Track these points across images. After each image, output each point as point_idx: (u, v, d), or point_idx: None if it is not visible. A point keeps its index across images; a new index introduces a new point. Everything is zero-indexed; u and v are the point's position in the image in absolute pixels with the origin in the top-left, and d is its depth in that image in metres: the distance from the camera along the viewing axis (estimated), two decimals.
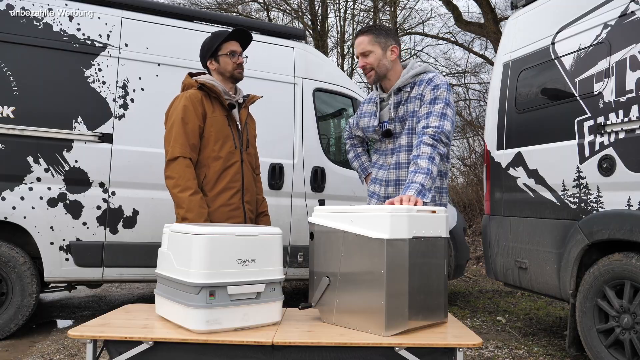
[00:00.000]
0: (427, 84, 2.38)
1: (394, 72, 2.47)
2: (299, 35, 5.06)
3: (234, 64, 2.65)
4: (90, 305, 5.43)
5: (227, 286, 1.76)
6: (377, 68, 2.43)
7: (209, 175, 2.54)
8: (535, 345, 4.00)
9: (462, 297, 6.08)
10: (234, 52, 2.66)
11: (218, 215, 2.52)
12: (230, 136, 2.60)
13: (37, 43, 3.86)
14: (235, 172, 2.59)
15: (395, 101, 2.47)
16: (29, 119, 3.78)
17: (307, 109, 4.81)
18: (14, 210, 3.72)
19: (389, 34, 2.46)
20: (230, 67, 2.66)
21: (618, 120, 3.10)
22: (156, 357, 1.71)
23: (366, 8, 14.93)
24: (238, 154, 2.63)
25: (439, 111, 2.30)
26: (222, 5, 13.99)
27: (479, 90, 13.96)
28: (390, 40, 2.44)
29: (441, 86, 2.35)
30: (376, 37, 2.42)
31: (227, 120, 2.61)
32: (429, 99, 2.34)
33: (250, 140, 2.76)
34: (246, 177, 2.65)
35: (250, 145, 2.75)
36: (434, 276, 1.86)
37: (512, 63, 4.09)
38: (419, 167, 2.19)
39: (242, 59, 2.70)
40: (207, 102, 2.57)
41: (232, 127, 2.64)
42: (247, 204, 2.66)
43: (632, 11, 3.09)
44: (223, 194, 2.55)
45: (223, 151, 2.56)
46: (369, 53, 2.42)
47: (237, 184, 2.59)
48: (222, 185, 2.55)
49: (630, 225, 2.96)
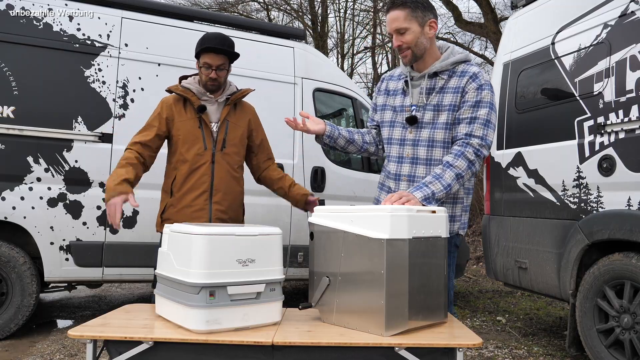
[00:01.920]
0: (472, 80, 2.12)
1: (431, 52, 2.19)
2: (299, 35, 5.06)
3: (207, 76, 2.64)
4: (90, 305, 5.43)
5: (227, 286, 1.76)
6: (415, 48, 2.14)
7: (177, 178, 2.63)
8: (535, 345, 4.00)
9: (462, 297, 6.08)
10: (208, 65, 2.62)
11: (181, 217, 2.60)
12: (200, 138, 2.63)
13: (37, 43, 3.86)
14: (203, 173, 2.62)
15: (428, 86, 2.19)
16: (29, 119, 3.78)
17: (307, 109, 4.81)
18: (14, 210, 3.72)
19: (426, 7, 2.13)
20: (204, 78, 2.66)
21: (618, 120, 3.10)
22: (156, 357, 1.71)
23: (366, 8, 14.93)
24: (208, 154, 2.64)
25: (484, 118, 2.09)
26: (222, 5, 13.99)
27: None
28: (428, 14, 2.14)
29: (485, 87, 2.12)
30: (413, 12, 2.10)
31: (197, 122, 2.65)
32: (473, 101, 2.11)
33: (229, 139, 2.70)
34: (218, 177, 2.65)
35: (228, 145, 2.70)
36: (434, 276, 1.86)
37: (512, 63, 4.09)
38: (443, 177, 2.02)
39: (216, 73, 2.63)
40: (179, 106, 2.66)
41: (204, 128, 2.65)
42: (218, 204, 2.65)
43: (632, 11, 3.09)
44: (187, 195, 2.62)
45: (190, 153, 2.62)
46: (405, 30, 2.11)
47: (203, 185, 2.62)
48: (187, 187, 2.62)
49: (630, 225, 2.96)
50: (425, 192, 2.00)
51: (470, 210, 9.97)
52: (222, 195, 2.66)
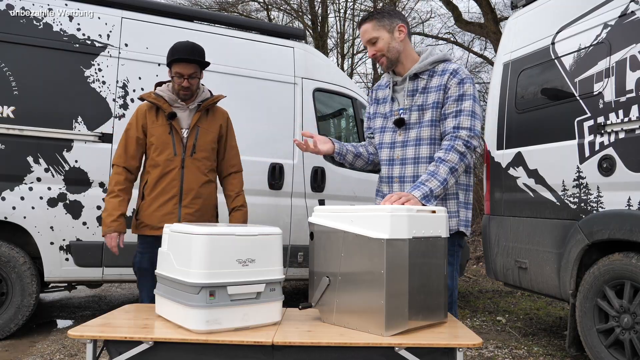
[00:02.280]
0: (452, 76, 2.20)
1: (407, 55, 2.29)
2: (299, 35, 5.06)
3: (179, 85, 2.76)
4: (90, 305, 5.43)
5: (227, 286, 1.76)
6: (388, 53, 2.26)
7: (149, 181, 2.79)
8: (535, 345, 4.00)
9: (462, 297, 6.08)
10: (180, 75, 2.75)
11: (152, 219, 2.76)
12: (170, 144, 2.77)
13: (37, 43, 3.85)
14: (172, 178, 2.76)
15: (410, 88, 2.28)
16: (29, 119, 3.78)
17: (307, 109, 4.81)
18: (14, 210, 3.72)
19: (392, 15, 2.29)
20: (177, 87, 2.78)
21: (618, 120, 3.10)
22: (156, 357, 1.71)
23: (366, 8, 14.92)
24: (178, 160, 2.77)
25: (469, 109, 2.16)
26: (222, 5, 13.98)
27: (479, 90, 13.96)
28: (395, 20, 2.27)
29: (467, 81, 2.20)
30: (379, 21, 2.25)
31: (168, 128, 2.77)
32: (456, 95, 2.18)
33: (199, 145, 2.82)
34: (187, 182, 2.78)
35: (198, 151, 2.81)
36: (434, 276, 1.86)
37: (512, 63, 4.09)
38: (437, 172, 2.06)
39: (188, 82, 2.75)
40: (151, 113, 2.80)
41: (174, 134, 2.78)
42: (186, 208, 2.78)
43: (632, 11, 3.09)
44: (157, 199, 2.76)
45: (160, 158, 2.76)
46: (376, 39, 2.25)
47: (173, 189, 2.76)
48: (157, 191, 2.77)
49: (630, 225, 2.96)
50: (423, 191, 2.02)
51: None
52: (191, 199, 2.78)
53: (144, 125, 2.79)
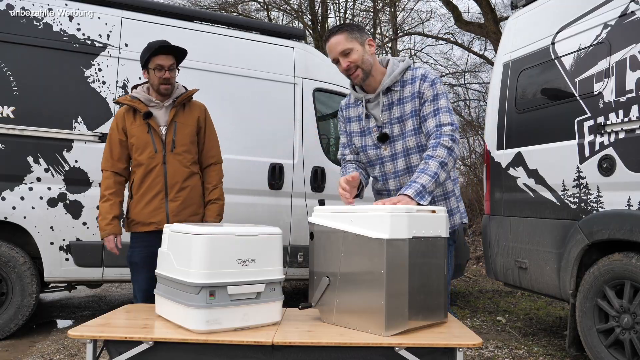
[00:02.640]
0: (422, 81, 2.22)
1: (376, 69, 2.28)
2: (299, 35, 5.06)
3: (159, 78, 2.81)
4: (90, 305, 5.43)
5: (227, 286, 1.76)
6: (363, 65, 2.22)
7: (135, 181, 2.88)
8: (535, 345, 4.00)
9: (462, 297, 6.08)
10: (160, 67, 2.80)
11: (141, 216, 2.85)
12: (150, 142, 2.84)
13: (37, 43, 3.85)
14: (156, 175, 2.84)
15: (386, 102, 2.27)
16: (29, 119, 3.78)
17: (307, 109, 4.81)
18: (14, 210, 3.72)
19: (360, 29, 2.28)
20: (157, 81, 2.83)
21: (618, 120, 3.10)
22: (156, 357, 1.71)
23: (366, 8, 14.93)
24: (159, 157, 2.84)
25: (445, 106, 2.20)
26: (222, 5, 13.98)
27: (478, 91, 13.98)
28: (364, 34, 2.26)
29: (436, 81, 2.24)
30: (350, 34, 2.21)
31: (146, 127, 2.84)
32: (431, 96, 2.21)
33: (178, 140, 2.88)
34: (171, 177, 2.85)
35: (178, 145, 2.87)
36: (434, 276, 1.86)
37: (512, 63, 4.09)
38: (427, 168, 2.07)
39: (168, 73, 2.82)
40: (129, 115, 2.88)
41: (153, 132, 2.85)
42: (173, 202, 2.86)
43: (632, 11, 3.09)
44: (144, 196, 2.84)
45: (143, 157, 2.84)
46: (350, 50, 2.19)
47: (157, 186, 2.84)
48: (144, 188, 2.85)
49: (630, 225, 2.96)
50: (415, 188, 2.00)
51: (471, 210, 10.01)
52: (176, 192, 2.86)
53: (123, 127, 2.87)
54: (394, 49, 14.40)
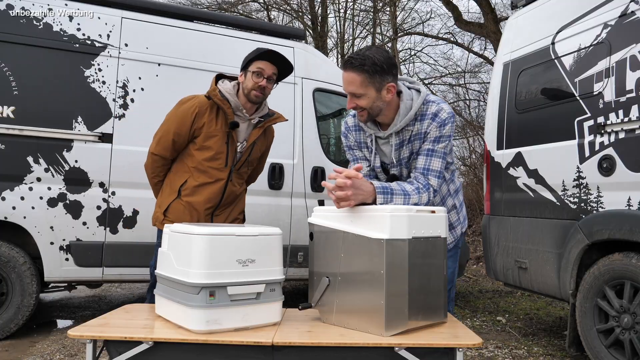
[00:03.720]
0: (432, 120, 2.07)
1: (390, 106, 2.09)
2: (299, 35, 5.06)
3: (255, 83, 2.52)
4: (90, 305, 5.43)
5: (227, 286, 1.76)
6: (370, 109, 2.05)
7: (188, 182, 2.61)
8: (535, 345, 4.00)
9: (462, 297, 6.08)
10: (260, 73, 2.52)
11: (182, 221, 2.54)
12: (224, 153, 2.59)
13: (37, 43, 3.85)
14: (217, 190, 2.62)
15: (398, 142, 2.13)
16: (29, 119, 3.78)
17: (307, 109, 4.81)
18: (14, 210, 3.72)
19: (385, 70, 1.98)
20: (250, 85, 2.53)
21: (618, 120, 3.10)
22: (156, 357, 1.71)
23: (366, 8, 14.93)
24: (226, 172, 2.62)
25: (442, 151, 2.08)
26: (222, 5, 13.98)
27: (478, 91, 13.96)
28: (387, 77, 2.00)
29: (447, 122, 2.07)
30: (370, 77, 1.97)
31: (226, 137, 2.57)
32: (433, 136, 2.08)
33: (251, 162, 2.73)
34: (227, 195, 2.67)
35: (248, 166, 2.73)
36: (433, 276, 1.86)
37: (512, 63, 4.09)
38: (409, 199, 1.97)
39: (266, 82, 2.53)
40: (212, 113, 2.56)
41: (230, 144, 2.59)
42: (216, 217, 2.69)
43: (632, 11, 3.09)
44: (194, 203, 2.60)
45: (208, 165, 2.59)
46: (361, 96, 2.00)
47: (213, 200, 2.63)
48: (197, 196, 2.60)
49: (630, 225, 2.96)
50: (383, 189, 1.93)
51: (470, 210, 10.00)
52: (223, 209, 2.71)
53: (201, 123, 2.55)
54: (394, 49, 14.39)
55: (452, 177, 2.31)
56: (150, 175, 2.76)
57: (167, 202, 2.65)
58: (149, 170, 2.74)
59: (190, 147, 2.62)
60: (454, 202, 2.32)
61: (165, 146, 2.62)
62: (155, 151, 2.65)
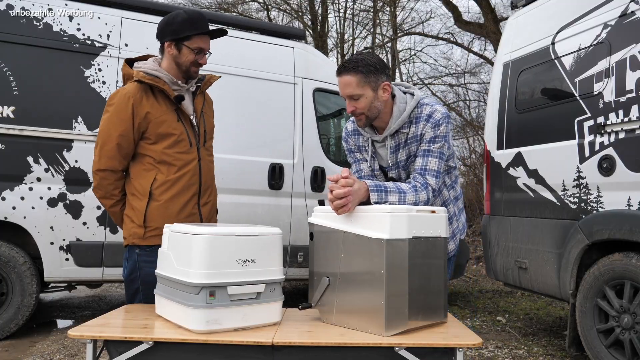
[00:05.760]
0: (426, 122, 2.09)
1: (385, 109, 2.12)
2: (299, 35, 5.07)
3: (196, 60, 2.28)
4: (90, 305, 5.43)
5: (227, 286, 1.76)
6: (369, 112, 2.07)
7: (158, 179, 2.25)
8: (535, 345, 4.00)
9: (462, 297, 6.08)
10: (201, 50, 2.29)
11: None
12: (185, 133, 2.28)
13: (37, 43, 3.86)
14: (192, 174, 2.30)
15: (393, 144, 2.16)
16: (29, 119, 3.78)
17: (307, 109, 4.81)
18: (14, 210, 3.72)
19: (378, 69, 2.04)
20: (189, 64, 2.28)
21: (618, 120, 3.10)
22: (156, 357, 1.71)
23: (366, 8, 14.93)
24: (194, 152, 2.31)
25: (438, 151, 2.10)
26: (222, 5, 13.98)
27: (478, 91, 13.97)
28: (381, 77, 2.05)
29: (442, 122, 2.09)
30: (365, 77, 2.01)
31: (176, 115, 2.27)
32: (429, 137, 2.10)
33: (208, 132, 2.42)
34: (205, 177, 2.36)
35: (208, 139, 2.41)
36: (433, 276, 1.86)
37: (512, 63, 4.09)
38: (405, 198, 1.97)
39: (206, 59, 2.32)
40: (149, 97, 2.23)
41: (185, 122, 2.30)
42: (204, 206, 2.39)
43: (632, 11, 3.09)
44: (175, 200, 2.27)
45: (175, 152, 2.26)
46: (359, 97, 2.03)
47: (193, 187, 2.31)
48: (175, 190, 2.26)
49: (630, 225, 2.96)
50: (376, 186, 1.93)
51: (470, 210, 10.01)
52: (207, 196, 2.41)
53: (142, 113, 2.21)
54: (394, 49, 14.40)
55: (453, 184, 2.31)
56: (104, 199, 2.31)
57: (141, 211, 2.25)
58: (101, 192, 2.29)
59: (143, 145, 2.26)
60: (454, 210, 2.32)
61: (110, 155, 2.22)
62: (100, 166, 2.24)
